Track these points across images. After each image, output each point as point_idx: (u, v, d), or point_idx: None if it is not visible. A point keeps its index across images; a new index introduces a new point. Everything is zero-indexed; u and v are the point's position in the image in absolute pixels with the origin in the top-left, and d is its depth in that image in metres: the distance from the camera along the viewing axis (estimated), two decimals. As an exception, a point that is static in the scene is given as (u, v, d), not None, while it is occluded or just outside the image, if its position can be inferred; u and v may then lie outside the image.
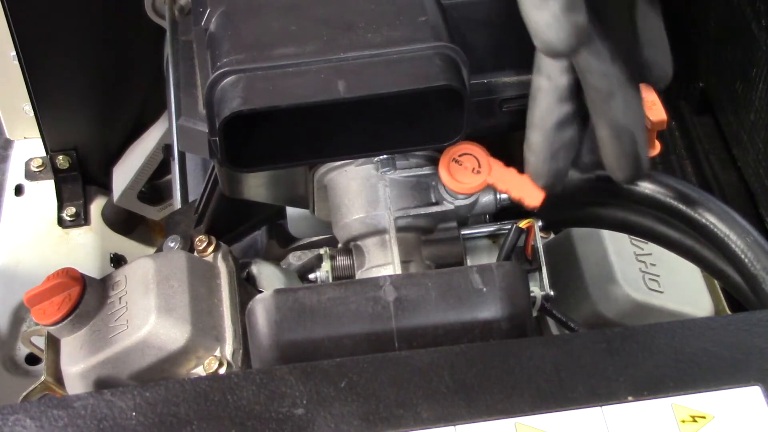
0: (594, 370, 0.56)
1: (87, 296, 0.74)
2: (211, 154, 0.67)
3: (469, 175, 0.69)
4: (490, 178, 0.68)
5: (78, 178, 1.28)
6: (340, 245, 0.76)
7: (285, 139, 0.67)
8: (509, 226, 0.73)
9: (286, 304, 0.62)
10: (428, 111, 0.66)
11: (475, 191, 0.70)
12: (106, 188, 1.31)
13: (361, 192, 0.73)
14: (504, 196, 0.74)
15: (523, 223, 0.72)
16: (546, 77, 0.63)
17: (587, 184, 0.70)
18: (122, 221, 1.32)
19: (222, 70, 0.63)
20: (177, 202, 1.11)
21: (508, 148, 0.73)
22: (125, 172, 1.27)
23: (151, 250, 1.19)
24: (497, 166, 0.68)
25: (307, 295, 0.63)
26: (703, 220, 0.68)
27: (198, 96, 0.69)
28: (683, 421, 0.54)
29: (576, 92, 0.63)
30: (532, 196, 0.67)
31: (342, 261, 0.74)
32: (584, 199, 0.74)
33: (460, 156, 0.69)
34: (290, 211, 0.88)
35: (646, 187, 0.69)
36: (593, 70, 0.61)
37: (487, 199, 0.74)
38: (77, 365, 0.73)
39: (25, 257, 1.23)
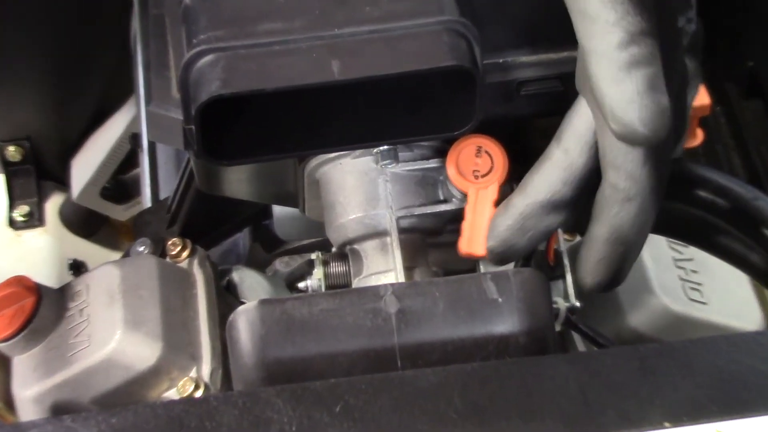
0: (626, 391, 0.57)
1: (42, 308, 0.75)
2: (186, 144, 0.67)
3: (483, 167, 0.70)
4: (476, 194, 0.69)
5: (31, 172, 1.29)
6: (334, 249, 0.76)
7: (271, 128, 0.67)
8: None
9: (272, 317, 0.63)
10: (435, 95, 0.67)
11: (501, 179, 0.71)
12: (63, 184, 1.31)
13: (359, 188, 0.73)
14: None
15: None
16: (563, 150, 0.62)
17: None
18: (82, 222, 1.33)
19: (199, 48, 0.64)
20: (146, 199, 1.11)
21: (525, 138, 0.74)
22: (86, 166, 1.28)
23: (116, 255, 1.20)
24: (488, 189, 0.69)
25: (296, 307, 0.63)
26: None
27: (171, 78, 0.69)
28: (728, 451, 0.54)
29: (587, 179, 0.62)
30: (472, 245, 0.67)
31: (336, 267, 0.74)
32: None
33: (470, 149, 0.70)
34: (277, 210, 0.89)
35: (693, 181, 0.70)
36: (620, 166, 0.60)
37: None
38: (31, 388, 0.73)
39: (-31, 264, 1.24)
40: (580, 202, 0.63)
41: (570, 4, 0.59)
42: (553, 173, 0.63)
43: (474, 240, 0.68)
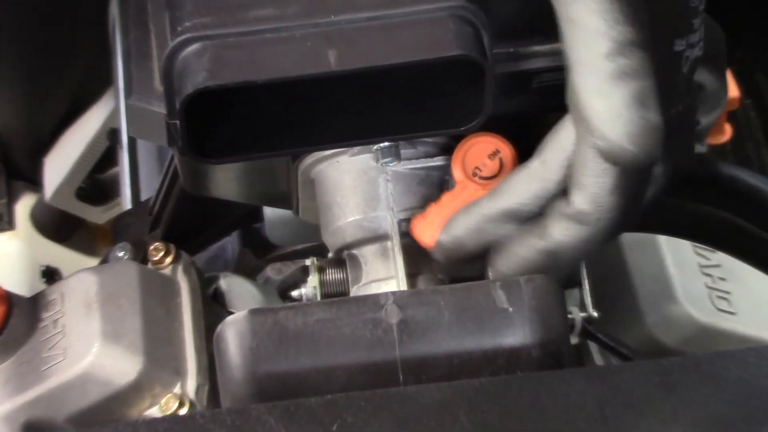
0: (647, 408, 0.57)
1: (14, 319, 0.75)
2: (170, 140, 0.67)
3: (491, 167, 0.70)
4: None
5: (0, 172, 1.29)
6: (330, 255, 0.77)
7: (262, 123, 0.67)
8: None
9: (263, 328, 0.63)
10: (440, 87, 0.67)
11: None
12: (36, 184, 1.32)
13: (357, 188, 0.74)
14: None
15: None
16: (542, 161, 0.63)
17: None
18: (56, 225, 1.33)
19: (184, 37, 0.64)
20: (126, 200, 1.12)
21: (536, 135, 0.74)
22: (60, 164, 1.28)
23: (94, 262, 1.20)
24: (467, 187, 0.69)
25: (289, 317, 0.64)
26: None
27: (153, 68, 0.69)
28: (758, 473, 0.55)
29: (557, 196, 0.63)
30: (424, 231, 0.69)
31: (333, 274, 0.75)
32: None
33: (478, 147, 0.71)
34: (268, 212, 0.89)
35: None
36: (585, 187, 0.61)
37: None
38: (1, 405, 0.73)
39: (-66, 270, 1.24)
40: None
41: (559, 12, 0.60)
42: (527, 184, 0.64)
43: (428, 226, 0.68)
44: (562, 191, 0.63)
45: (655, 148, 0.58)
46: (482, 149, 0.71)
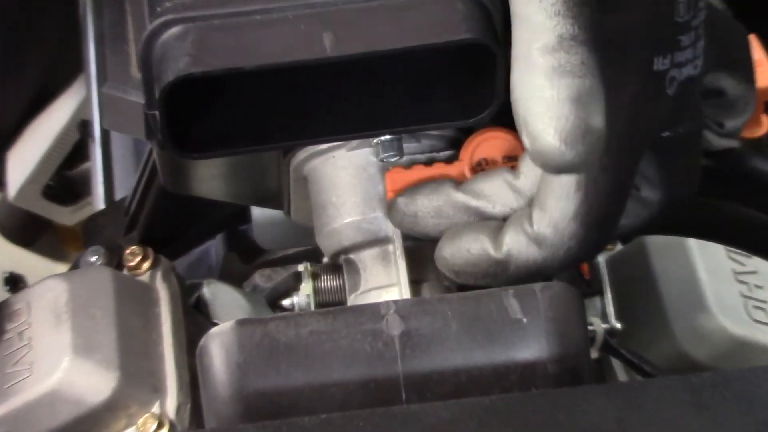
0: (674, 429, 0.58)
1: (-25, 331, 0.76)
2: (148, 133, 0.68)
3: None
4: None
5: (-43, 168, 1.29)
6: (325, 259, 0.77)
7: (250, 114, 0.68)
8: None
9: (251, 341, 0.64)
10: (447, 75, 0.68)
11: None
12: (-3, 182, 1.32)
13: (356, 186, 0.74)
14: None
15: (577, 229, 0.74)
16: (519, 173, 0.67)
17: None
18: (20, 227, 1.33)
19: (164, 18, 0.64)
20: (98, 200, 1.12)
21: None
22: (24, 160, 1.28)
23: (63, 267, 1.21)
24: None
25: (280, 328, 0.64)
26: None
27: (130, 53, 0.70)
28: (796, 500, 0.55)
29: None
30: (395, 181, 0.72)
31: (328, 281, 0.75)
32: None
33: (489, 144, 0.71)
34: (257, 213, 0.89)
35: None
36: (547, 210, 0.64)
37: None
38: (-38, 426, 0.74)
39: None
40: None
41: (511, 7, 0.61)
42: (500, 190, 0.67)
43: (399, 179, 0.70)
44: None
45: (591, 155, 0.59)
46: (496, 146, 0.71)
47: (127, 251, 0.82)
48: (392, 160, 0.73)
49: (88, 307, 0.76)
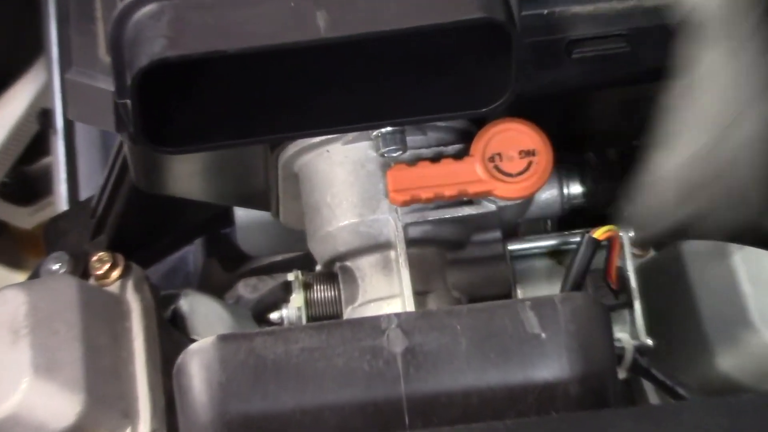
0: (712, 459, 0.57)
1: (-77, 347, 0.75)
2: (118, 125, 0.68)
3: (518, 164, 0.71)
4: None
5: None
6: (318, 267, 0.78)
7: (233, 104, 0.68)
8: (580, 237, 0.74)
9: (235, 358, 0.64)
10: (456, 59, 0.68)
11: (527, 192, 0.72)
12: (-56, 180, 1.31)
13: (353, 185, 0.74)
14: (576, 191, 0.76)
15: (600, 232, 0.74)
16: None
17: None
18: (-27, 231, 1.33)
19: (137, -5, 0.64)
20: (61, 200, 1.12)
21: (576, 118, 0.75)
22: (-24, 155, 1.29)
23: (20, 277, 1.21)
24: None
25: (268, 345, 0.64)
26: None
27: (98, 34, 0.70)
28: None
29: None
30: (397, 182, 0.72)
31: (322, 292, 0.75)
32: None
33: (504, 136, 0.71)
34: (240, 215, 0.89)
35: None
36: None
37: (549, 195, 0.76)
38: None
39: None
40: None
41: None
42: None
43: (402, 177, 0.71)
44: None
45: None
46: (513, 140, 0.71)
47: (94, 258, 0.82)
48: (394, 155, 0.73)
49: (50, 322, 0.76)
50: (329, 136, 0.75)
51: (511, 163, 0.71)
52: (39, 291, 0.78)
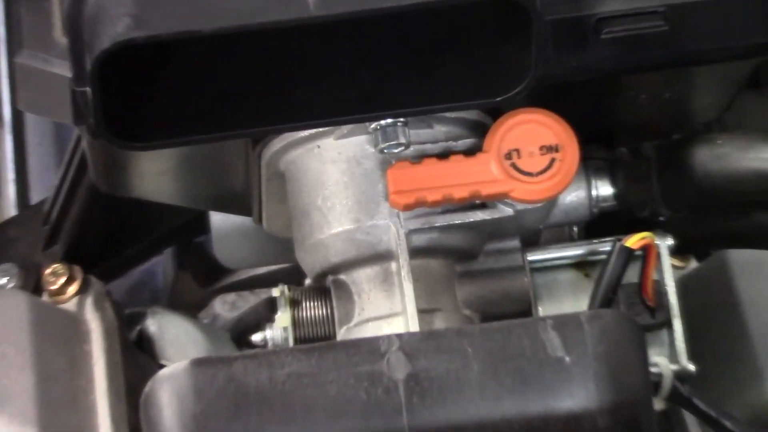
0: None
1: None
2: (76, 117, 0.68)
3: (539, 162, 0.71)
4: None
5: None
6: (308, 281, 0.77)
7: (210, 93, 0.68)
8: (611, 246, 0.75)
9: (212, 386, 0.64)
10: (466, 40, 0.68)
11: (549, 194, 0.72)
12: None
13: (348, 185, 0.74)
14: (606, 192, 0.76)
15: (634, 240, 0.74)
16: None
17: None
18: None
19: (98, -33, 0.64)
20: (9, 203, 1.12)
21: (606, 108, 0.75)
22: None
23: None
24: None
25: (249, 370, 0.64)
26: None
27: (53, 12, 0.70)
28: None
29: None
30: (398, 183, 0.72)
31: (312, 310, 0.76)
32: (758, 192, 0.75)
33: (523, 129, 0.71)
34: (217, 221, 0.89)
35: None
36: None
37: (575, 197, 0.76)
38: None
39: None
40: None
41: None
42: None
43: (404, 176, 0.71)
44: None
45: None
46: (533, 133, 0.71)
47: (48, 271, 0.82)
48: (395, 151, 0.72)
49: (-3, 344, 0.76)
50: (320, 130, 0.75)
51: (530, 160, 0.71)
52: (-16, 308, 0.78)
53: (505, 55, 0.67)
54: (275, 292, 0.76)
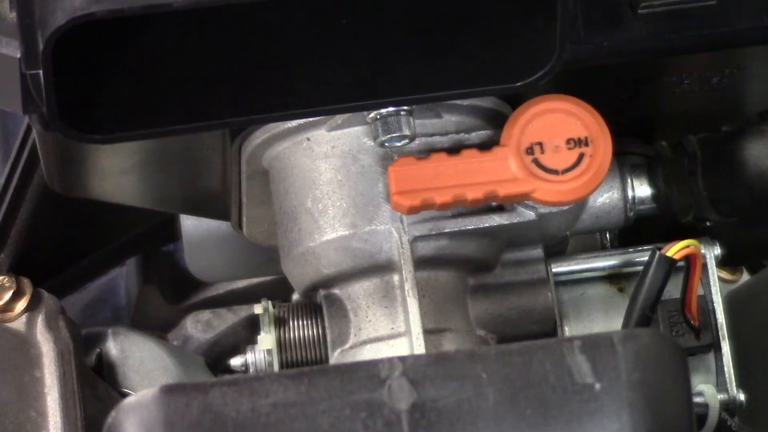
0: None
1: None
2: (26, 104, 0.68)
3: (565, 158, 0.72)
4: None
5: None
6: (295, 296, 0.78)
7: (181, 78, 0.68)
8: (649, 256, 0.75)
9: (185, 418, 0.64)
10: (481, 18, 0.68)
11: (577, 196, 0.73)
12: None
13: (343, 185, 0.75)
14: (644, 193, 0.76)
15: (676, 249, 0.74)
16: None
17: None
18: None
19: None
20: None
21: (643, 96, 0.75)
22: None
23: None
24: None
25: (228, 399, 0.64)
26: None
27: (-1, -15, 0.70)
28: None
29: None
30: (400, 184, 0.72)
31: (300, 329, 0.76)
32: None
33: (547, 119, 0.72)
34: (188, 227, 0.90)
35: None
36: None
37: (607, 199, 0.76)
38: None
39: None
40: None
41: None
42: None
43: (408, 175, 0.71)
44: None
45: None
46: (559, 124, 0.72)
47: (-7, 284, 0.83)
48: (398, 144, 0.73)
49: (-67, 369, 0.76)
50: (310, 120, 0.75)
51: (556, 155, 0.72)
52: None
53: (526, 34, 0.68)
54: (257, 309, 0.76)
